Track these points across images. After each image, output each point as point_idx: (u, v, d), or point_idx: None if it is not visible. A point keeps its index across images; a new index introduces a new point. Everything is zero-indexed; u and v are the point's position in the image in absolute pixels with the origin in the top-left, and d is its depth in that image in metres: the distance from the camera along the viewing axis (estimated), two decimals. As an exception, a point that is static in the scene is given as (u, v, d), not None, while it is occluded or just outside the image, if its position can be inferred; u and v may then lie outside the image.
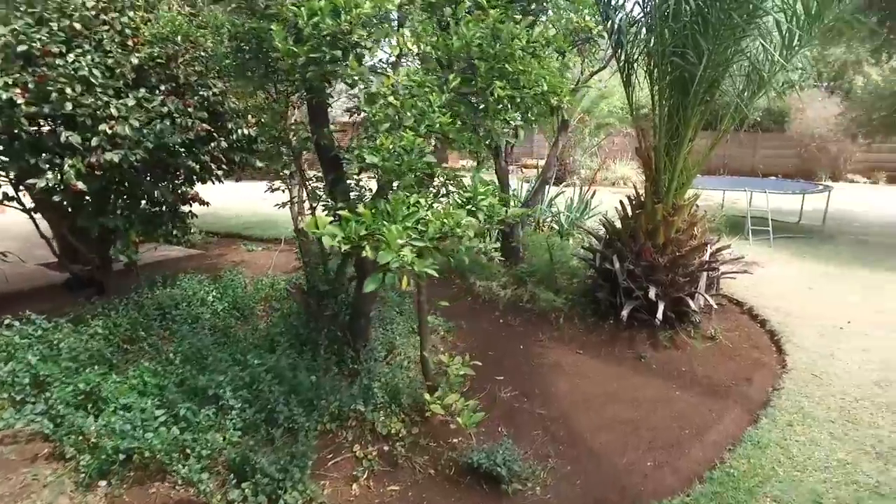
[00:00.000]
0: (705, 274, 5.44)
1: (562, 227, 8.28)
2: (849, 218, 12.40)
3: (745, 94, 5.15)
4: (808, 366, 4.69)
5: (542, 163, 22.54)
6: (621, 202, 5.93)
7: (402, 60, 3.89)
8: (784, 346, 5.14)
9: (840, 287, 6.98)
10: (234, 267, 7.22)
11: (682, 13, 4.71)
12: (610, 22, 5.59)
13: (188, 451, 3.25)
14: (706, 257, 5.52)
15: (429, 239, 2.67)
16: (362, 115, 3.19)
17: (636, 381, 4.57)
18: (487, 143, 3.37)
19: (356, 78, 2.86)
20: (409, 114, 2.65)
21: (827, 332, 5.45)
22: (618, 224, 5.97)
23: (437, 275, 2.59)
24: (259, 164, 5.77)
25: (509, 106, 3.12)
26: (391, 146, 2.66)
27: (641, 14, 5.31)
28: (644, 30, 5.36)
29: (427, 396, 3.45)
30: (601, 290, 5.70)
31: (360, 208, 2.55)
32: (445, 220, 2.65)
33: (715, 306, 5.45)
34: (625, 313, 5.20)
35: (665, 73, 5.13)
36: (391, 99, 2.78)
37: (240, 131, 5.82)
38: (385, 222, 2.49)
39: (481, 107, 3.10)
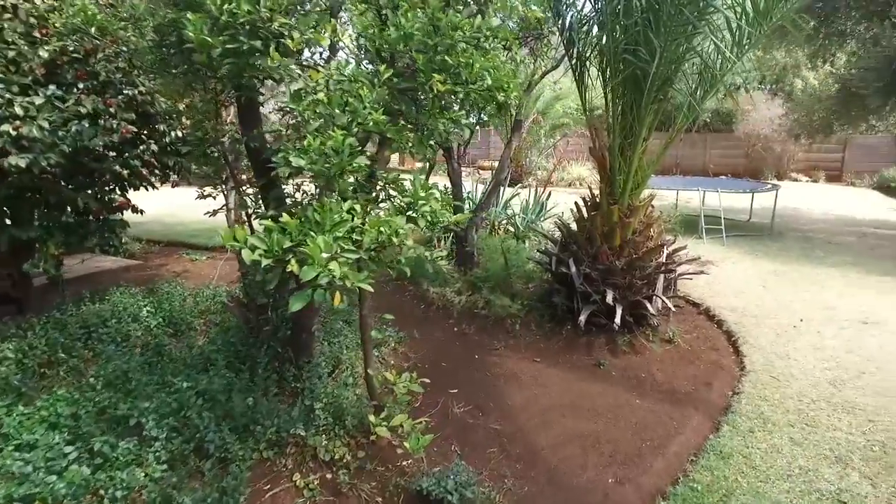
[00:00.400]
0: (662, 276, 5.34)
1: (517, 229, 8.11)
2: (795, 215, 12.73)
3: (698, 92, 5.07)
4: (765, 367, 4.63)
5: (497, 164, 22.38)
6: (576, 203, 5.78)
7: (343, 55, 3.63)
8: (741, 346, 5.09)
9: (791, 284, 7.04)
10: (174, 278, 6.76)
11: (633, 9, 4.59)
12: (561, 19, 5.44)
13: (101, 492, 2.88)
14: (663, 259, 5.43)
15: (365, 249, 2.41)
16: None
17: (595, 389, 4.40)
18: (431, 143, 3.12)
19: (282, 72, 2.57)
20: (337, 111, 2.37)
21: (782, 330, 5.43)
22: (573, 226, 5.83)
23: (371, 289, 2.33)
24: (195, 168, 5.37)
25: (453, 102, 2.88)
26: (320, 147, 2.38)
27: (593, 11, 5.18)
28: (595, 27, 5.23)
29: (372, 418, 3.17)
30: (558, 295, 5.54)
31: (285, 217, 2.26)
32: (383, 229, 2.39)
33: (673, 308, 5.36)
34: (582, 319, 5.04)
35: (618, 72, 5.01)
36: (320, 95, 2.50)
37: (173, 133, 5.40)
38: (313, 232, 2.21)
39: (424, 104, 2.85)
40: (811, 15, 12.29)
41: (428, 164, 6.91)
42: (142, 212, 6.34)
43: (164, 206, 10.90)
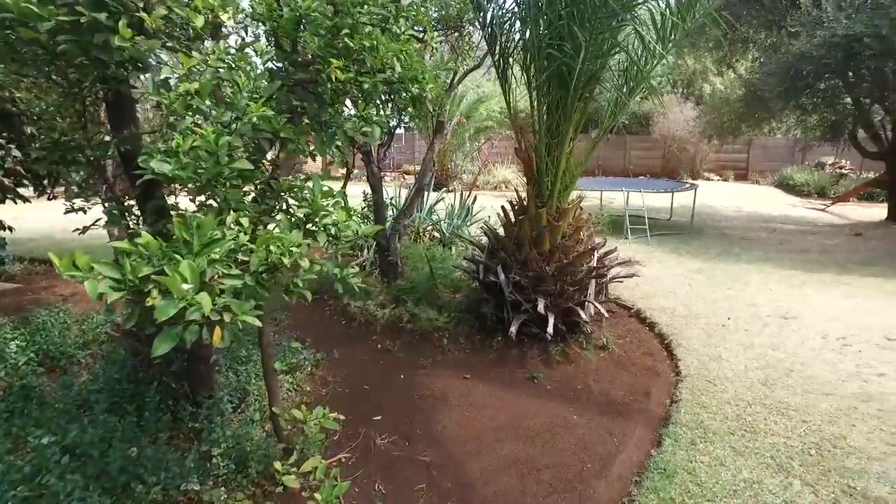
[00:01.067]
0: (594, 280, 5.16)
1: (444, 235, 7.79)
2: (711, 213, 13.22)
3: (625, 89, 4.93)
4: (700, 371, 4.51)
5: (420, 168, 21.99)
6: (503, 208, 5.52)
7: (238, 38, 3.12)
8: (675, 350, 4.97)
9: (715, 282, 7.12)
10: (59, 302, 5.91)
11: (556, 2, 4.36)
12: (483, 13, 5.16)
13: None
14: (594, 262, 5.25)
15: (252, 273, 1.95)
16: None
17: (530, 406, 4.11)
18: (339, 144, 2.69)
19: (145, 56, 2.07)
20: (208, 103, 1.91)
21: (712, 330, 5.39)
22: (501, 231, 5.55)
23: (258, 322, 1.88)
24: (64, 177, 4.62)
25: (360, 97, 2.48)
26: (192, 149, 1.91)
27: (515, 4, 4.92)
28: (518, 21, 4.98)
29: (277, 465, 2.69)
30: (487, 305, 5.23)
31: (144, 236, 1.77)
32: (273, 247, 1.95)
33: (606, 314, 5.18)
34: (513, 329, 4.75)
35: (542, 68, 4.77)
36: (194, 85, 2.02)
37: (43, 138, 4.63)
38: (179, 255, 1.74)
39: (325, 98, 2.43)
40: (717, 23, 12.88)
41: (346, 169, 6.43)
42: (10, 229, 5.49)
43: (57, 220, 9.78)
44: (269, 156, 2.48)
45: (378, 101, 2.96)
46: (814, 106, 9.64)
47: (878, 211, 12.71)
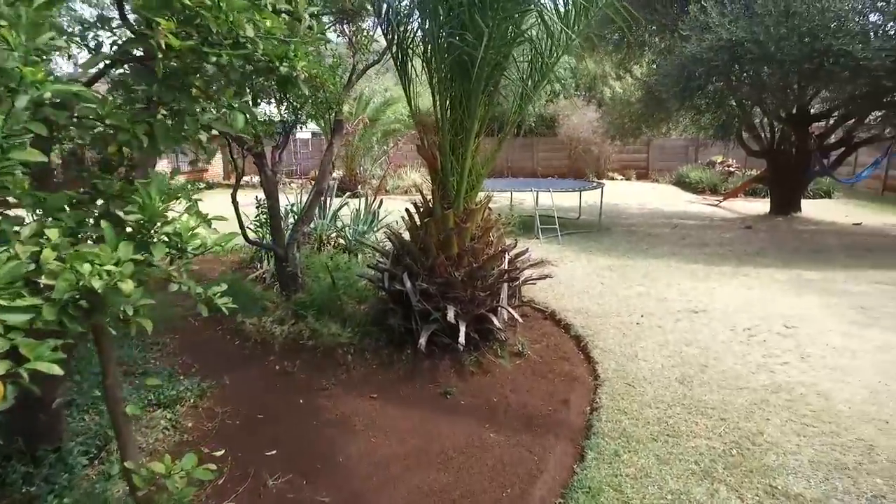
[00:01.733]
0: (506, 284, 4.90)
1: (349, 242, 7.31)
2: (617, 211, 13.60)
3: (530, 82, 4.71)
4: (618, 373, 4.36)
5: (333, 174, 21.28)
6: (407, 210, 5.15)
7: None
8: (592, 352, 4.82)
9: (626, 279, 7.14)
10: None
11: (456, -13, 4.05)
12: (377, 1, 4.78)
13: None
14: (505, 265, 5.00)
15: (53, 302, 1.44)
16: None
17: (444, 426, 3.75)
18: (202, 138, 2.18)
19: None
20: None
21: (626, 329, 5.31)
22: (407, 236, 5.18)
23: (60, 371, 1.38)
24: None
25: (217, 76, 2.00)
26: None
27: (412, -10, 4.58)
28: (417, 9, 4.63)
29: (130, 539, 2.14)
30: (394, 316, 4.83)
31: None
32: (82, 267, 1.45)
33: (520, 319, 4.93)
34: (422, 341, 4.38)
35: (443, 59, 4.46)
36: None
37: None
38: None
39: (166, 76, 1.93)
40: (615, 28, 13.29)
41: (236, 174, 5.80)
42: None
43: None
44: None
45: (248, 87, 2.50)
46: (706, 106, 10.13)
47: (762, 205, 13.61)
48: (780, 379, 4.19)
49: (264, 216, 6.64)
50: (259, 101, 5.89)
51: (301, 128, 19.38)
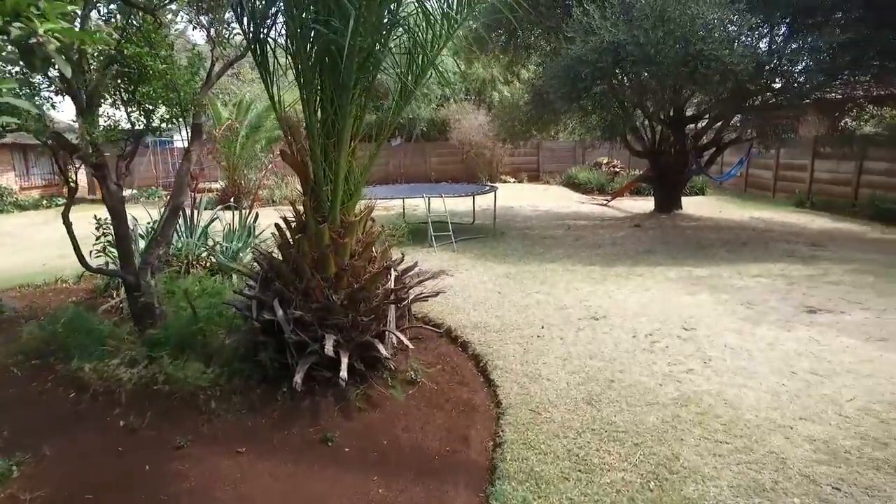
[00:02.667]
0: (394, 305, 4.34)
1: (222, 263, 6.40)
2: (511, 214, 13.53)
3: (410, 77, 4.19)
4: (521, 397, 3.95)
5: (215, 186, 19.69)
6: (277, 226, 4.45)
7: None
8: (492, 373, 4.38)
9: (524, 287, 6.85)
10: None
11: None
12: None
13: None
14: (391, 283, 4.43)
15: None
16: None
17: (324, 482, 3.12)
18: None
19: None
20: None
21: (528, 343, 4.94)
22: (278, 255, 4.47)
23: None
24: None
25: None
26: None
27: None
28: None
29: None
30: (265, 350, 4.12)
31: None
32: None
33: (410, 346, 4.36)
34: (298, 378, 3.71)
35: (309, 49, 3.82)
36: None
37: None
38: None
39: None
40: (503, 29, 13.25)
41: (68, 188, 4.76)
42: None
43: None
44: None
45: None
46: (593, 108, 10.24)
47: (647, 203, 14.17)
48: (687, 389, 3.98)
49: (107, 239, 5.59)
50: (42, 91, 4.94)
51: (176, 135, 17.60)
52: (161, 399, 4.03)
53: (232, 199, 15.43)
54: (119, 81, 5.06)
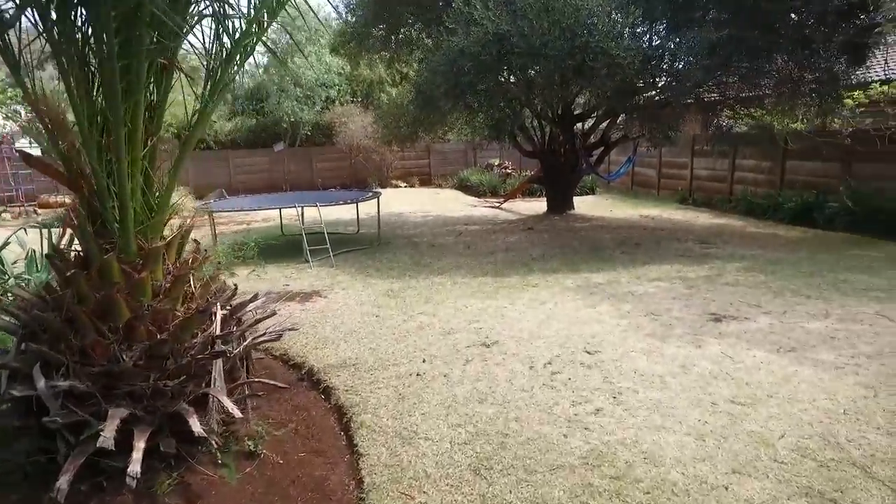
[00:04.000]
0: (219, 361, 3.20)
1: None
2: (399, 221, 12.59)
3: (221, 51, 3.09)
4: (392, 470, 2.97)
5: (69, 200, 16.83)
6: (48, 257, 3.16)
7: None
8: (356, 434, 3.37)
9: (407, 307, 5.90)
10: None
11: None
12: None
13: None
14: (216, 328, 3.29)
15: None
16: None
17: None
18: None
19: None
20: None
21: (405, 386, 3.98)
22: (59, 293, 3.17)
23: None
24: None
25: None
26: None
27: None
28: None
29: None
30: (22, 439, 2.83)
31: None
32: None
33: (237, 415, 3.20)
34: (64, 482, 2.48)
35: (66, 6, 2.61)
36: None
37: None
38: None
39: None
40: (384, 24, 12.28)
41: None
42: None
43: None
44: None
45: None
46: (479, 105, 9.54)
47: (540, 205, 13.83)
48: (597, 440, 3.20)
49: None
50: None
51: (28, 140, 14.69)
52: None
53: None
54: None
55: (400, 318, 5.52)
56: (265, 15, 3.14)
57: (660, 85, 9.12)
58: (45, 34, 2.72)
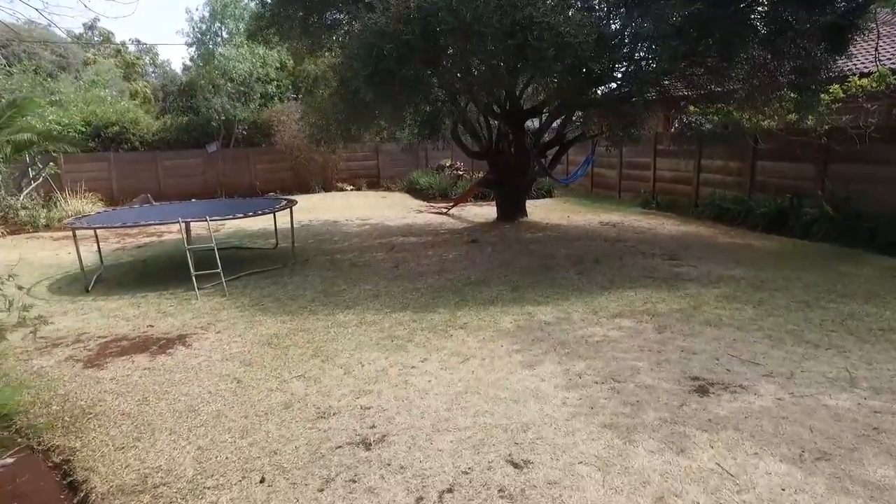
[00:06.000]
0: None
1: None
2: (331, 231, 11.00)
3: None
4: None
5: None
6: None
7: None
8: None
9: (283, 366, 4.34)
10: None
11: None
12: None
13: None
14: None
15: None
16: None
17: None
18: None
19: None
20: None
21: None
22: None
23: None
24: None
25: None
26: None
27: None
28: None
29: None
30: None
31: None
32: None
33: None
34: None
35: None
36: None
37: None
38: None
39: None
40: (299, 6, 10.58)
41: None
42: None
43: None
44: None
45: None
46: (407, 97, 8.03)
47: (491, 209, 12.40)
48: None
49: None
50: None
51: None
52: None
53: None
54: None
55: (266, 387, 3.96)
56: None
57: (619, 74, 7.75)
58: None
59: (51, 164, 15.11)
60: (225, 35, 19.21)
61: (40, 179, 15.05)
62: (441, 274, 7.19)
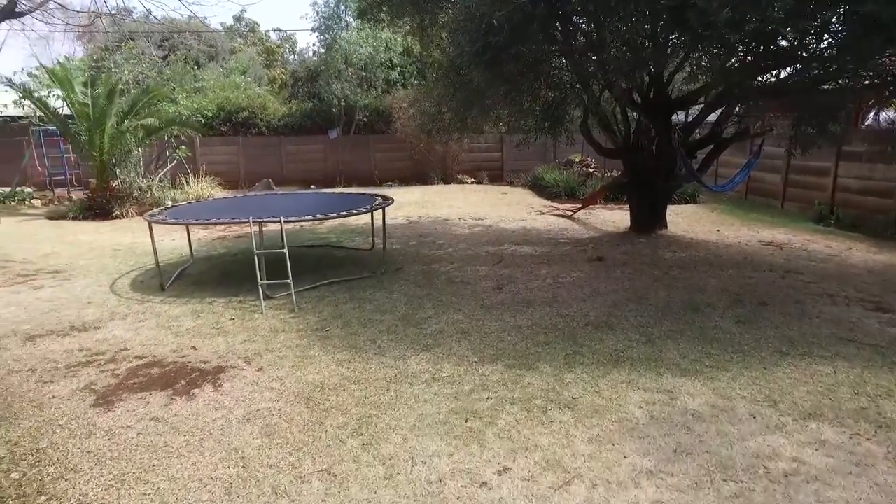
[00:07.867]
0: None
1: None
2: (439, 232, 9.87)
3: None
4: None
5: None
6: None
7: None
8: None
9: (313, 443, 3.17)
10: None
11: None
12: None
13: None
14: None
15: None
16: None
17: None
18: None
19: None
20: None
21: None
22: None
23: None
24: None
25: None
26: None
27: None
28: None
29: None
30: None
31: None
32: None
33: None
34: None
35: None
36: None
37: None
38: None
39: None
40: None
41: None
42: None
43: None
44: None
45: None
46: (523, 79, 6.54)
47: (624, 215, 10.52)
48: None
49: None
50: None
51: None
52: None
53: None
54: None
55: (270, 486, 2.80)
56: None
57: (824, 44, 5.58)
58: None
59: (182, 147, 15.63)
60: (349, 19, 18.83)
61: (175, 161, 15.66)
62: (553, 305, 5.68)
